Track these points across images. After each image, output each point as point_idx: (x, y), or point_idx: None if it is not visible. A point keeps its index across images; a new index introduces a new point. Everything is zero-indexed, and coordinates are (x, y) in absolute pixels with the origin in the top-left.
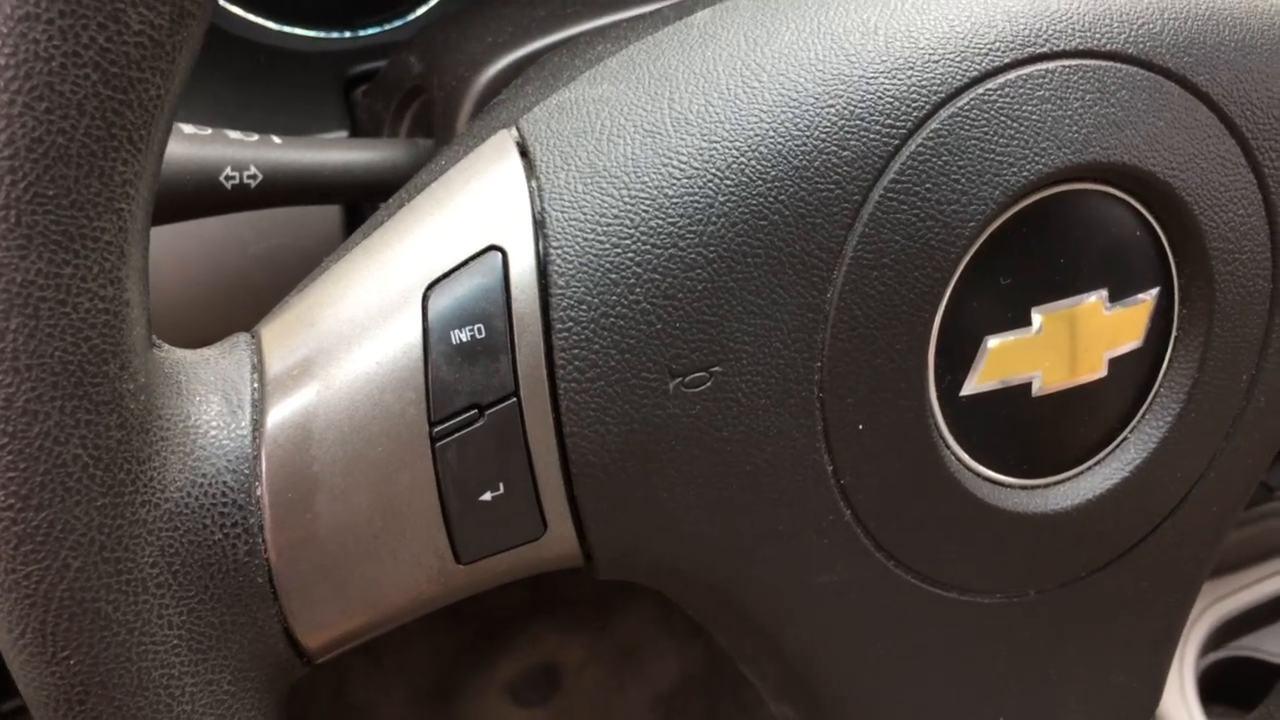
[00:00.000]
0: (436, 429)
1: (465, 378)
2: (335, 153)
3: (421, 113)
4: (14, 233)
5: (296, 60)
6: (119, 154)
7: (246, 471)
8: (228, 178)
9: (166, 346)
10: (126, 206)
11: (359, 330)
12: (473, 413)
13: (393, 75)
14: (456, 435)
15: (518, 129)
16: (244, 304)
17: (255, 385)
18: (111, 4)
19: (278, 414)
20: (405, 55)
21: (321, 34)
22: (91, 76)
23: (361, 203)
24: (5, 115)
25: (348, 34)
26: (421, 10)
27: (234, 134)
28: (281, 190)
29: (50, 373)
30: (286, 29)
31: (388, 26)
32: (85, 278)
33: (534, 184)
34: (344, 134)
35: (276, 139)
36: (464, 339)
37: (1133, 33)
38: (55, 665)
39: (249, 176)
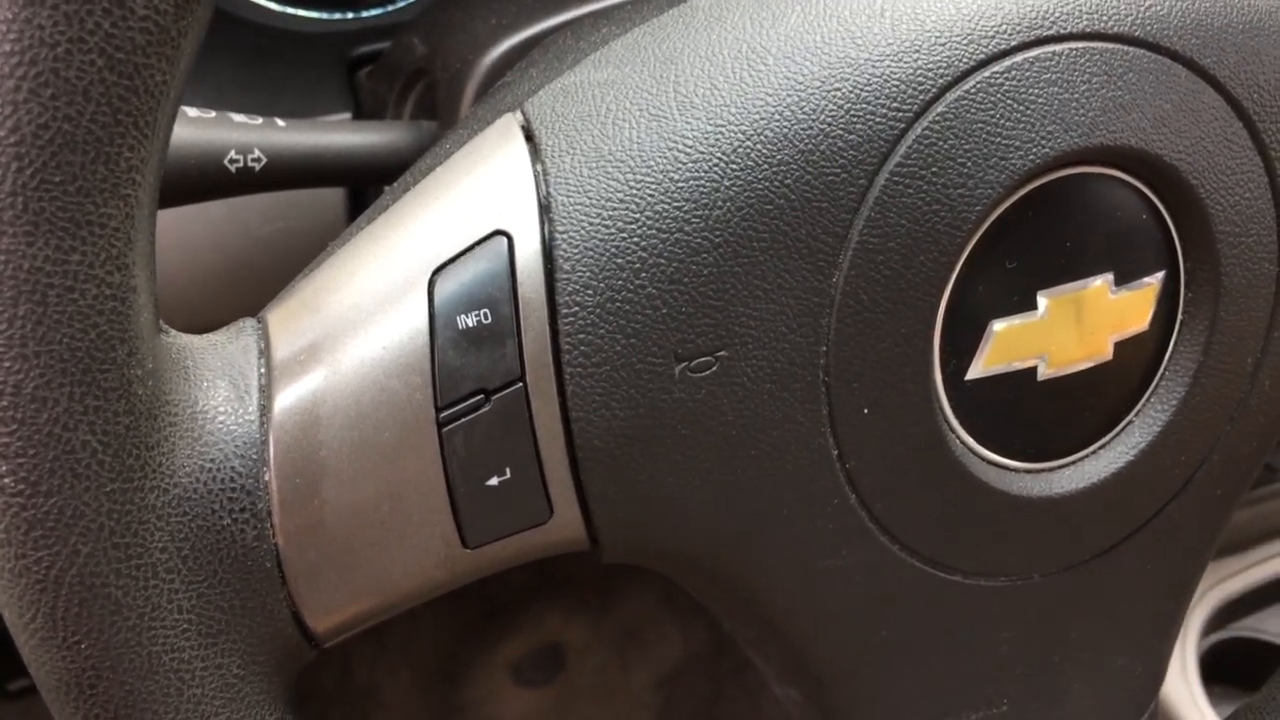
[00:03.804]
0: (443, 414)
1: (471, 363)
2: (339, 135)
3: (425, 95)
4: (21, 219)
5: (299, 41)
6: (125, 139)
7: (254, 457)
8: (232, 161)
9: (173, 332)
10: (133, 192)
11: (365, 315)
12: (479, 398)
13: (396, 57)
14: (463, 420)
15: (523, 113)
16: (248, 287)
17: (262, 370)
18: None
19: (285, 399)
20: (409, 37)
21: (324, 15)
22: (97, 62)
23: (366, 185)
24: (11, 102)
25: (350, 15)
26: None
27: (238, 117)
28: (286, 173)
29: (59, 359)
30: (289, 10)
31: (390, 8)
32: (92, 264)
33: (539, 168)
34: (347, 116)
35: (280, 122)
36: (470, 324)
37: (1140, 15)
38: (66, 650)
39: (253, 159)
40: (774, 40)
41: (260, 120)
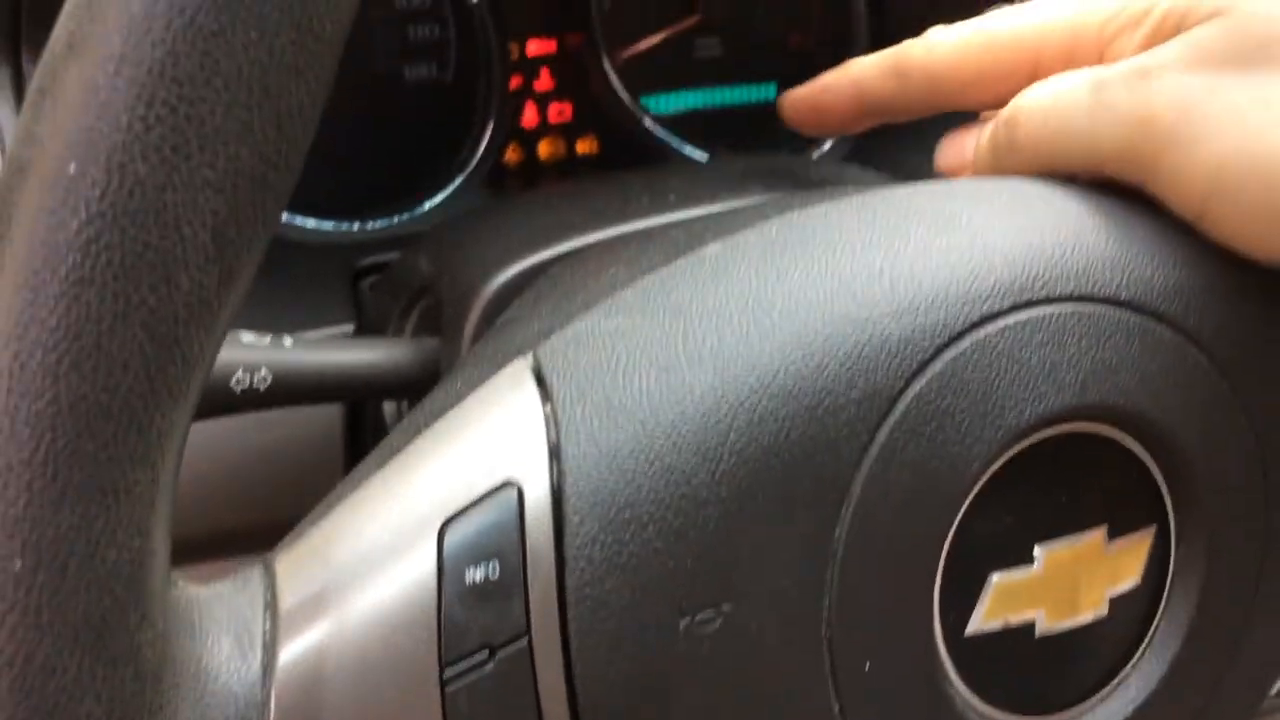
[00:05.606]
0: (447, 672)
1: (478, 618)
2: (342, 353)
3: (429, 311)
4: (51, 488)
5: (304, 251)
6: (159, 408)
7: (255, 718)
8: (238, 381)
9: (181, 583)
10: (160, 458)
11: (373, 567)
12: (483, 654)
13: (401, 273)
14: (466, 679)
15: (535, 357)
16: (239, 494)
17: (267, 624)
18: (165, 269)
19: (289, 653)
20: (414, 255)
21: (330, 226)
22: (139, 336)
23: (367, 400)
24: (52, 374)
25: (356, 226)
26: (431, 204)
27: (248, 336)
28: (288, 392)
29: (72, 628)
30: (295, 221)
31: (397, 220)
32: (115, 530)
33: (549, 411)
34: (350, 327)
35: (287, 340)
36: (478, 578)
37: (1125, 278)
38: None
39: (259, 379)
40: (779, 295)
41: (269, 339)
